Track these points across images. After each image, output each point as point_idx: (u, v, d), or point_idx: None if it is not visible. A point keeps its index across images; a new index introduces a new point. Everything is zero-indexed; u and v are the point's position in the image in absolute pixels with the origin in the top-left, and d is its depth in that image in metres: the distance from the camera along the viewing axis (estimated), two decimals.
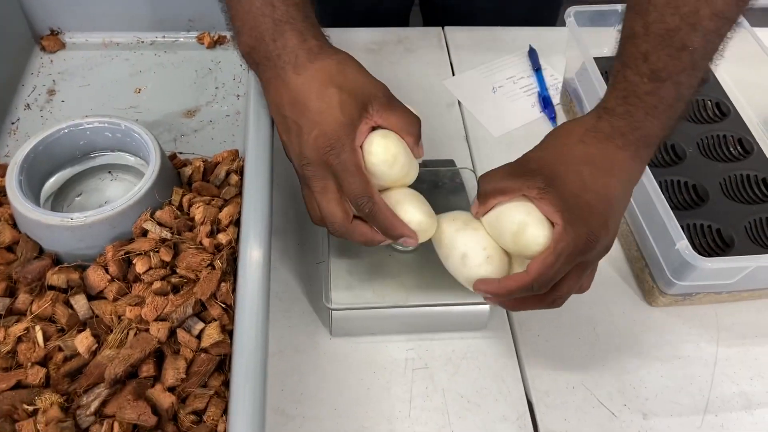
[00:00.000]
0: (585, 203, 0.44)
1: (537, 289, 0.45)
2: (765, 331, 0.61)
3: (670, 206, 0.56)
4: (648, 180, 0.58)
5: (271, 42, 0.48)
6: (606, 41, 0.78)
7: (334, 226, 0.49)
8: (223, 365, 0.51)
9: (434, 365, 0.57)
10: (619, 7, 0.73)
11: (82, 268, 0.55)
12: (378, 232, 0.49)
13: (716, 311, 0.62)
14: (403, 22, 1.04)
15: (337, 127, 0.47)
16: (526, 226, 0.46)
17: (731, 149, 0.68)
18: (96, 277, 0.54)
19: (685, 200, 0.64)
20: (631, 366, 0.58)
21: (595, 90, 0.66)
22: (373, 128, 0.50)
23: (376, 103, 0.49)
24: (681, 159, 0.67)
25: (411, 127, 0.50)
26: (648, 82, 0.44)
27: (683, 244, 0.53)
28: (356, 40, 0.87)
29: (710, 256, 0.59)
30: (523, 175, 0.47)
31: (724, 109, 0.72)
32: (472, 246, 0.49)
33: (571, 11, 0.72)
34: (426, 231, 0.51)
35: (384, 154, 0.48)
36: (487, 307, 0.57)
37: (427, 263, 0.57)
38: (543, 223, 0.46)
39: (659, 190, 0.57)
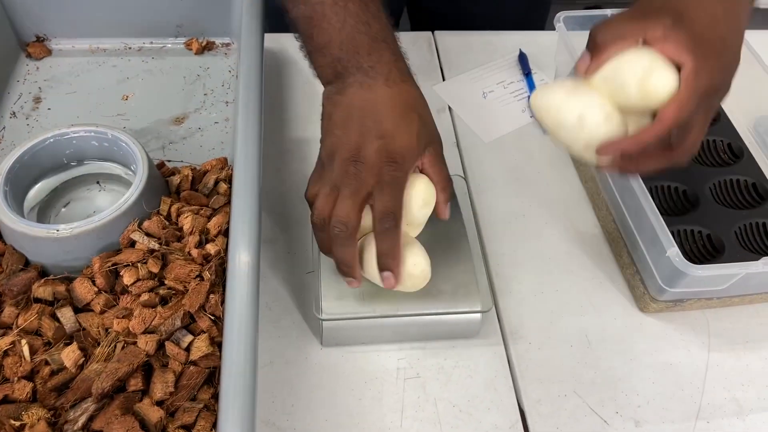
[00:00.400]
0: (718, 37, 0.43)
1: (675, 136, 0.43)
2: (756, 337, 0.61)
3: (660, 212, 0.56)
4: (638, 186, 0.57)
5: (366, 55, 0.51)
6: None
7: (342, 227, 0.49)
8: (213, 378, 0.51)
9: (426, 374, 0.57)
10: (609, 12, 0.73)
11: (68, 280, 0.55)
12: (357, 268, 0.51)
13: (707, 317, 0.62)
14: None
15: (406, 149, 0.50)
16: (654, 70, 0.43)
17: (721, 154, 0.68)
18: (83, 289, 0.53)
19: (675, 206, 0.64)
20: (623, 373, 0.58)
21: None
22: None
23: (433, 149, 0.52)
24: None
25: (447, 187, 0.54)
26: None
27: (674, 251, 0.53)
28: None
29: (701, 262, 0.59)
30: (647, 16, 0.44)
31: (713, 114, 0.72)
32: (588, 104, 0.45)
33: (560, 16, 0.72)
34: (424, 279, 0.53)
35: (425, 193, 0.52)
36: (478, 315, 0.57)
37: None
38: (670, 67, 0.43)
39: (649, 196, 0.57)
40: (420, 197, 0.53)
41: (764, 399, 0.58)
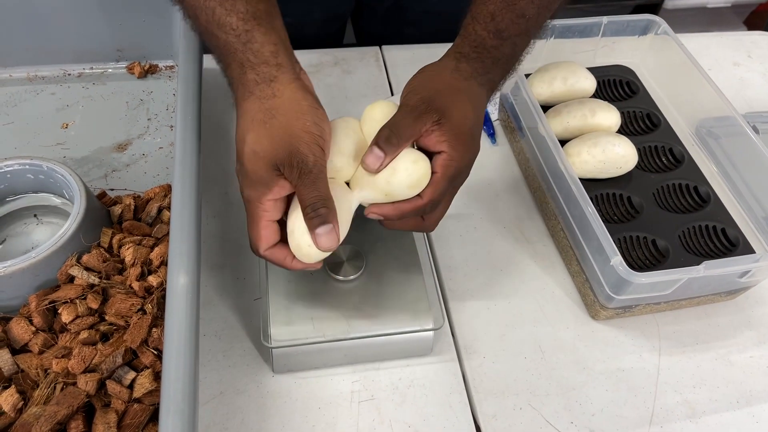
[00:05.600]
0: (468, 131, 0.51)
1: (428, 210, 0.51)
2: (704, 338, 0.62)
3: (606, 220, 0.56)
4: (581, 195, 0.58)
5: (224, 69, 0.50)
6: (537, 57, 0.79)
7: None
8: (159, 414, 0.49)
9: (381, 395, 0.56)
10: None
11: (4, 321, 0.53)
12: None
13: (657, 321, 0.63)
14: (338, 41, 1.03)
15: (252, 191, 0.47)
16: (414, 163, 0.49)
17: (663, 159, 0.69)
18: (19, 329, 0.51)
19: (620, 213, 0.64)
20: (577, 382, 0.59)
21: (528, 107, 0.66)
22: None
23: (286, 169, 0.45)
24: None
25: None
26: (493, 39, 0.52)
27: (617, 260, 0.53)
28: None
29: (647, 267, 0.60)
30: (420, 116, 0.49)
31: (654, 120, 0.73)
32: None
33: None
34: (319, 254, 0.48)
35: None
36: (430, 333, 0.57)
37: (368, 292, 0.56)
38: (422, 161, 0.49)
39: (592, 205, 0.57)
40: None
41: (715, 400, 0.58)
